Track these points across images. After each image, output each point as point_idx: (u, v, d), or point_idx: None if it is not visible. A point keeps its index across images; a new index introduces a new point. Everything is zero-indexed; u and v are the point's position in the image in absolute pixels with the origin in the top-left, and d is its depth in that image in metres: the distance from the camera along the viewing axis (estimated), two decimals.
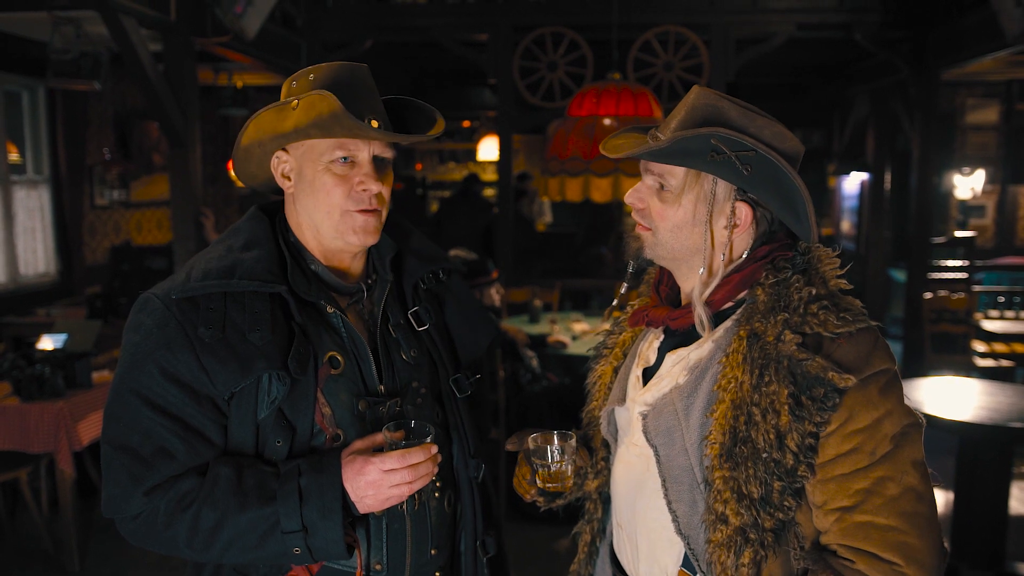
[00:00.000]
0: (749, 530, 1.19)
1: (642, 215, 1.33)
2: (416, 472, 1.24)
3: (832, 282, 1.26)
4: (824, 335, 1.18)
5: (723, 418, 1.22)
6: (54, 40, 4.53)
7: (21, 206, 6.05)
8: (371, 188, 1.34)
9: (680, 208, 1.29)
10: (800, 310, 1.21)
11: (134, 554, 3.98)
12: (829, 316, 1.19)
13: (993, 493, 3.61)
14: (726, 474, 1.20)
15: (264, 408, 1.28)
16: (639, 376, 1.41)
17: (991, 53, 5.65)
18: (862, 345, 1.19)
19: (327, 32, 6.73)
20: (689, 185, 1.28)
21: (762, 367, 1.20)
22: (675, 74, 6.45)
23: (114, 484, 1.26)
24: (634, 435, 1.38)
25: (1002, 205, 8.84)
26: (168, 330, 1.27)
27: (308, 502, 1.22)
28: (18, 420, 3.69)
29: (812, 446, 1.16)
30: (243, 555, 1.26)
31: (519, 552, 1.43)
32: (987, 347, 6.36)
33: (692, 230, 1.30)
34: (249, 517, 1.22)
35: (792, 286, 1.24)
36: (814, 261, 1.28)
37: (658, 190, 1.31)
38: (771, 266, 1.28)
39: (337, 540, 1.23)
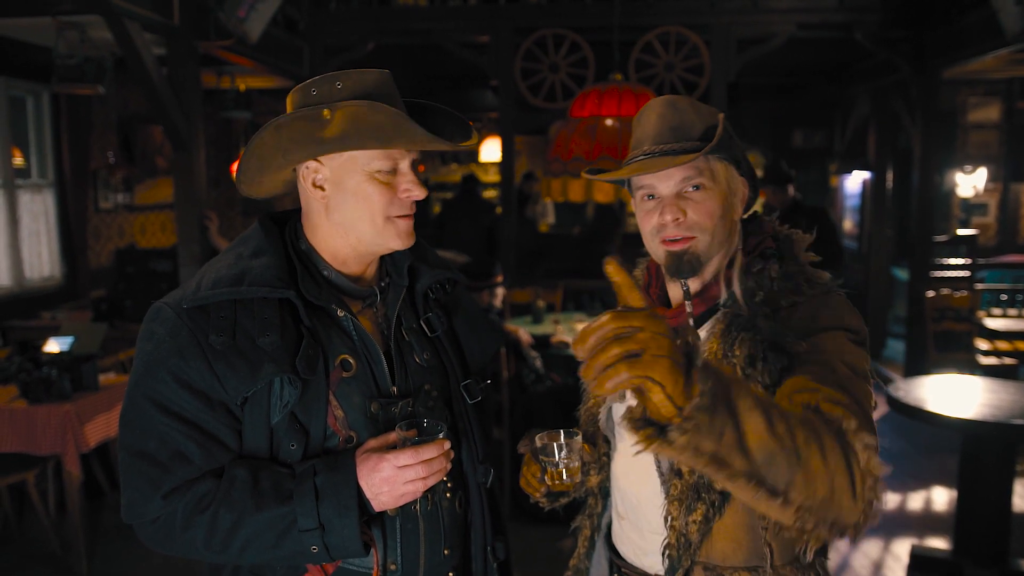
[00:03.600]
0: (701, 488, 1.28)
1: (681, 226, 1.35)
2: (430, 468, 1.26)
3: (802, 256, 1.39)
4: (797, 301, 1.31)
5: None
6: (58, 45, 4.56)
7: (26, 210, 6.08)
8: (417, 195, 1.37)
9: (719, 197, 1.37)
10: (774, 288, 1.33)
11: (141, 556, 4.00)
12: (799, 287, 1.32)
13: (996, 491, 3.61)
14: None
15: (277, 412, 1.29)
16: None
17: (991, 52, 5.66)
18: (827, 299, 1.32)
19: (329, 35, 6.75)
20: (723, 175, 1.37)
21: (733, 338, 1.30)
22: (676, 74, 6.46)
23: (133, 489, 1.28)
24: None
25: (1004, 203, 8.84)
26: (180, 338, 1.28)
27: (324, 500, 1.24)
28: (25, 422, 3.71)
29: None
30: (261, 555, 1.27)
31: (522, 553, 1.44)
32: (990, 345, 6.37)
33: (724, 220, 1.37)
34: (266, 517, 1.24)
35: (767, 268, 1.35)
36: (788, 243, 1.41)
37: (688, 192, 1.35)
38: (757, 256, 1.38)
39: (354, 538, 1.25)
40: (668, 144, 1.35)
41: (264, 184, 1.44)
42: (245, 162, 1.39)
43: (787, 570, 1.31)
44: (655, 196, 1.38)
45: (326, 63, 6.75)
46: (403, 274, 1.48)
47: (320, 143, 1.31)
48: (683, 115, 1.36)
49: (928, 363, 6.33)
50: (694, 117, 1.36)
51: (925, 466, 5.31)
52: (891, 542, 4.22)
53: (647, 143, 1.37)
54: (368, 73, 1.35)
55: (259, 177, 1.42)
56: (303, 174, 1.38)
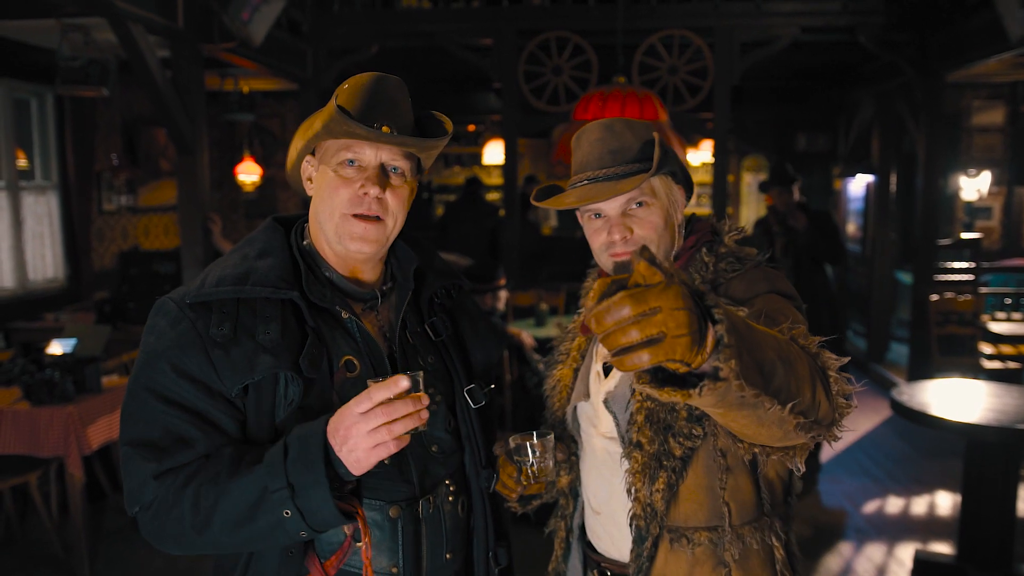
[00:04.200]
0: (663, 458, 1.37)
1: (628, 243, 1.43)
2: (391, 411, 1.15)
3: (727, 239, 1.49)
4: (729, 278, 1.41)
5: None
6: (63, 47, 4.57)
7: (30, 212, 6.09)
8: (370, 191, 1.35)
9: (661, 211, 1.46)
10: (710, 269, 1.44)
11: (144, 559, 4.00)
12: (732, 265, 1.44)
13: (1001, 495, 3.60)
14: (641, 405, 1.39)
15: (282, 411, 1.29)
16: (599, 371, 1.54)
17: (995, 55, 5.65)
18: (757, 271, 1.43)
19: (333, 38, 6.76)
20: (662, 189, 1.46)
21: None
22: (680, 77, 6.46)
23: (132, 477, 1.27)
24: (601, 424, 1.50)
25: (1008, 207, 8.82)
26: (180, 329, 1.29)
27: (291, 456, 1.19)
28: (28, 425, 3.71)
29: None
30: (239, 532, 1.22)
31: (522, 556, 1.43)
32: (994, 349, 6.35)
33: (667, 230, 1.47)
34: (239, 484, 1.20)
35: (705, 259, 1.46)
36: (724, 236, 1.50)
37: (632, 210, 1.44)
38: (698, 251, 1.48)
39: (326, 499, 1.18)
40: (609, 168, 1.44)
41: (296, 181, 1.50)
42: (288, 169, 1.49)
43: (745, 529, 1.40)
44: (601, 215, 1.46)
45: (330, 66, 6.76)
46: (409, 278, 1.48)
47: (308, 138, 1.38)
48: (621, 138, 1.45)
49: (932, 367, 6.32)
50: (631, 138, 1.45)
51: (929, 470, 5.29)
52: (895, 547, 4.20)
53: (590, 168, 1.46)
54: (369, 75, 1.38)
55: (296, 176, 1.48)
56: (303, 168, 1.45)
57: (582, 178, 1.47)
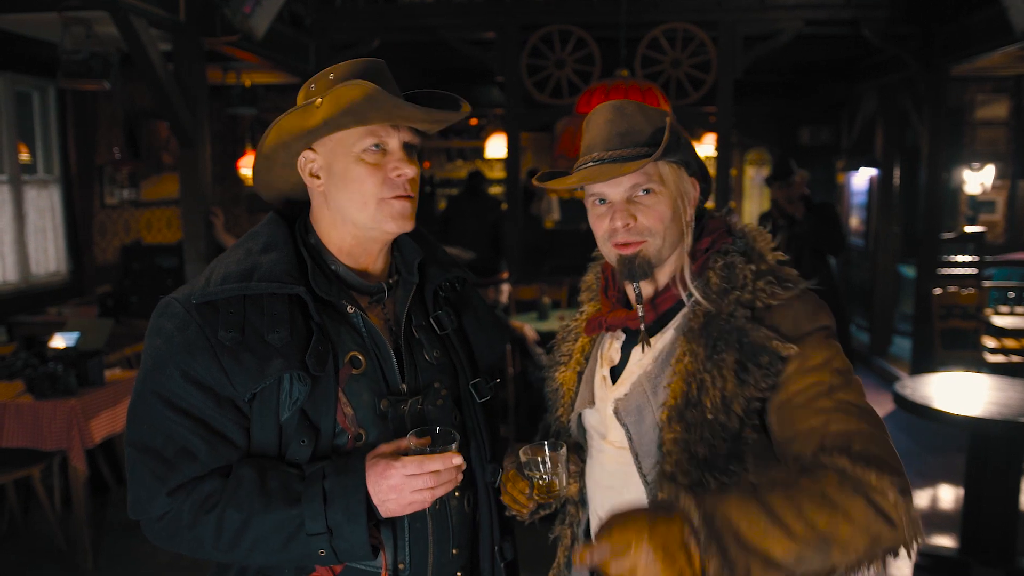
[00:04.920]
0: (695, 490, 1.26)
1: (632, 231, 1.36)
2: (438, 479, 1.24)
3: (770, 256, 1.38)
4: (773, 304, 1.31)
5: (676, 386, 1.31)
6: (64, 41, 4.56)
7: (32, 206, 6.09)
8: (406, 172, 1.34)
9: (669, 201, 1.37)
10: (749, 287, 1.32)
11: (147, 552, 4.01)
12: (774, 288, 1.32)
13: (1004, 489, 3.60)
14: (677, 435, 1.29)
15: (287, 410, 1.28)
16: (606, 376, 1.46)
17: (1000, 48, 5.62)
18: (806, 304, 1.32)
19: (335, 32, 6.75)
20: (672, 178, 1.38)
21: (716, 340, 1.30)
22: (683, 71, 6.44)
23: (138, 485, 1.27)
24: (610, 433, 1.42)
25: (1012, 200, 8.79)
26: (188, 334, 1.27)
27: (333, 504, 1.22)
28: (31, 418, 3.72)
29: (757, 410, 1.26)
30: (268, 557, 1.26)
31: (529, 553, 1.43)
32: (997, 343, 6.34)
33: (674, 223, 1.38)
34: (274, 519, 1.23)
35: (737, 266, 1.35)
36: (751, 241, 1.40)
37: (638, 197, 1.36)
38: (716, 253, 1.39)
39: (363, 542, 1.23)
40: (617, 150, 1.35)
41: (275, 184, 1.46)
42: (256, 163, 1.41)
43: None
44: (606, 201, 1.38)
45: (332, 59, 6.75)
46: (413, 271, 1.46)
47: (312, 129, 1.33)
48: (631, 120, 1.37)
49: (935, 361, 6.31)
50: (642, 121, 1.37)
51: (932, 464, 5.29)
52: None
53: (596, 149, 1.37)
54: (359, 60, 1.36)
55: (268, 177, 1.44)
56: (301, 165, 1.39)
57: (587, 160, 1.38)
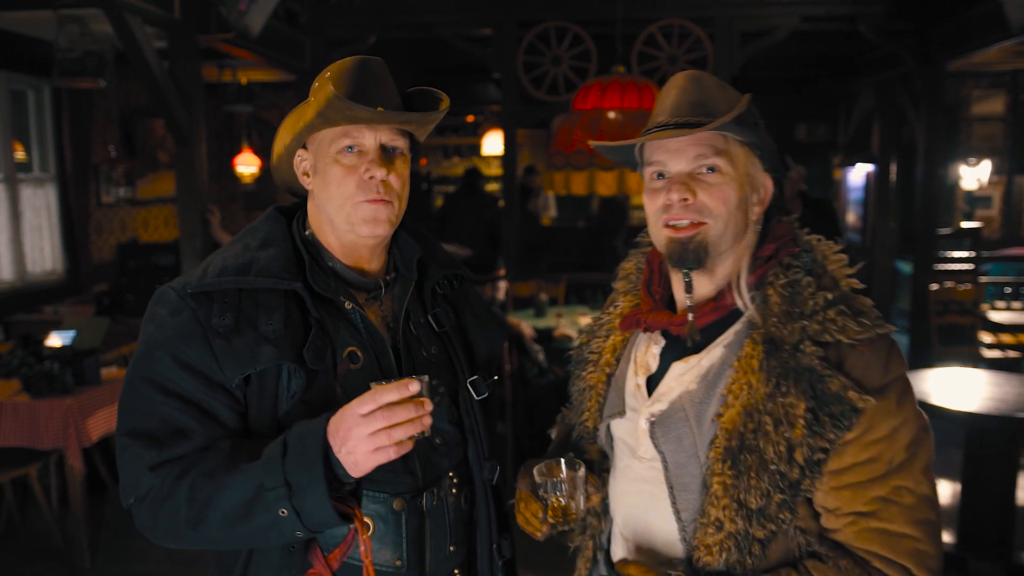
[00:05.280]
0: (740, 538, 1.18)
1: (689, 208, 1.21)
2: (392, 415, 1.13)
3: (844, 283, 1.23)
4: (844, 342, 1.16)
5: (731, 423, 1.19)
6: (59, 39, 4.55)
7: (28, 204, 6.08)
8: (376, 174, 1.32)
9: (736, 185, 1.23)
10: (818, 317, 1.18)
11: (144, 550, 4.00)
12: (848, 322, 1.17)
13: (1000, 484, 3.61)
14: (727, 480, 1.18)
15: (285, 403, 1.27)
16: (640, 385, 1.35)
17: (996, 43, 5.63)
18: (880, 352, 1.17)
19: (331, 29, 6.73)
20: (743, 162, 1.24)
21: (779, 376, 1.17)
22: (679, 67, 6.43)
23: (127, 468, 1.26)
24: (640, 447, 1.32)
25: (1008, 196, 8.81)
26: (181, 319, 1.27)
27: (289, 455, 1.17)
28: (28, 417, 3.71)
29: (820, 460, 1.15)
30: (234, 529, 1.20)
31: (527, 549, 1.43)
32: (994, 338, 6.35)
33: (739, 212, 1.23)
34: (235, 480, 1.18)
35: (805, 290, 1.20)
36: (820, 259, 1.25)
37: (702, 174, 1.23)
38: (779, 265, 1.24)
39: (323, 500, 1.15)
40: (685, 118, 1.22)
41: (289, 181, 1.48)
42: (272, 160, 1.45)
43: None
44: (665, 175, 1.25)
45: (328, 56, 6.73)
46: (412, 268, 1.46)
47: (299, 130, 1.35)
48: (707, 92, 1.25)
49: (932, 356, 6.31)
50: (718, 95, 1.25)
51: None
52: None
53: (664, 116, 1.24)
54: (349, 59, 1.36)
55: (282, 174, 1.47)
56: (296, 163, 1.42)
57: (651, 126, 1.25)
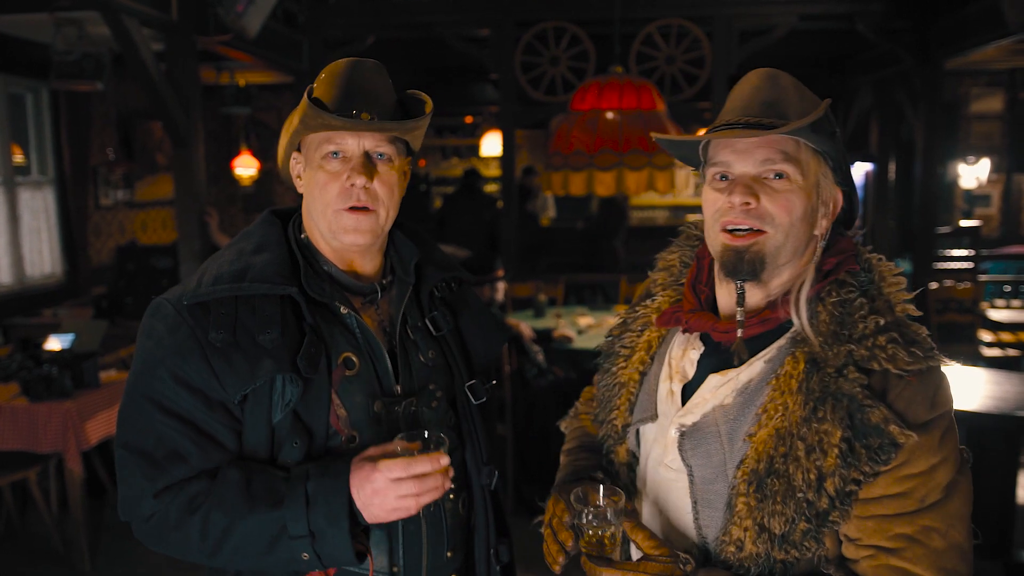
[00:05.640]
0: (761, 560, 1.14)
1: (751, 214, 1.15)
2: (423, 484, 1.19)
3: (899, 308, 1.16)
4: (892, 372, 1.10)
5: (762, 444, 1.14)
6: (56, 41, 4.54)
7: (26, 207, 6.08)
8: (356, 182, 1.31)
9: (804, 195, 1.16)
10: (867, 342, 1.11)
11: (144, 553, 4.00)
12: (898, 351, 1.10)
13: (1000, 482, 3.60)
14: (752, 503, 1.13)
15: (278, 411, 1.27)
16: (675, 391, 1.29)
17: (994, 42, 5.63)
18: (929, 386, 1.11)
19: (329, 29, 6.73)
20: (813, 171, 1.17)
21: (817, 400, 1.11)
22: (677, 67, 6.43)
23: (127, 486, 1.27)
24: (668, 456, 1.28)
25: (1007, 194, 8.81)
26: (179, 335, 1.26)
27: (315, 507, 1.20)
28: (27, 420, 3.71)
29: (852, 492, 1.09)
30: (253, 560, 1.25)
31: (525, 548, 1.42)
32: (993, 336, 6.34)
33: (803, 224, 1.16)
34: (257, 521, 1.21)
35: (857, 312, 1.14)
36: (877, 280, 1.18)
37: (768, 180, 1.16)
38: (834, 283, 1.17)
39: (345, 546, 1.20)
40: (757, 118, 1.15)
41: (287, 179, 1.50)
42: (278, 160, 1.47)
43: None
44: (728, 177, 1.18)
45: (326, 58, 6.73)
46: (409, 272, 1.45)
47: (289, 135, 1.36)
48: (782, 92, 1.18)
49: None
50: (794, 96, 1.18)
51: None
52: None
53: (734, 114, 1.18)
54: (342, 61, 1.35)
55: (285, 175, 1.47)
56: (291, 166, 1.42)
57: (720, 124, 1.19)
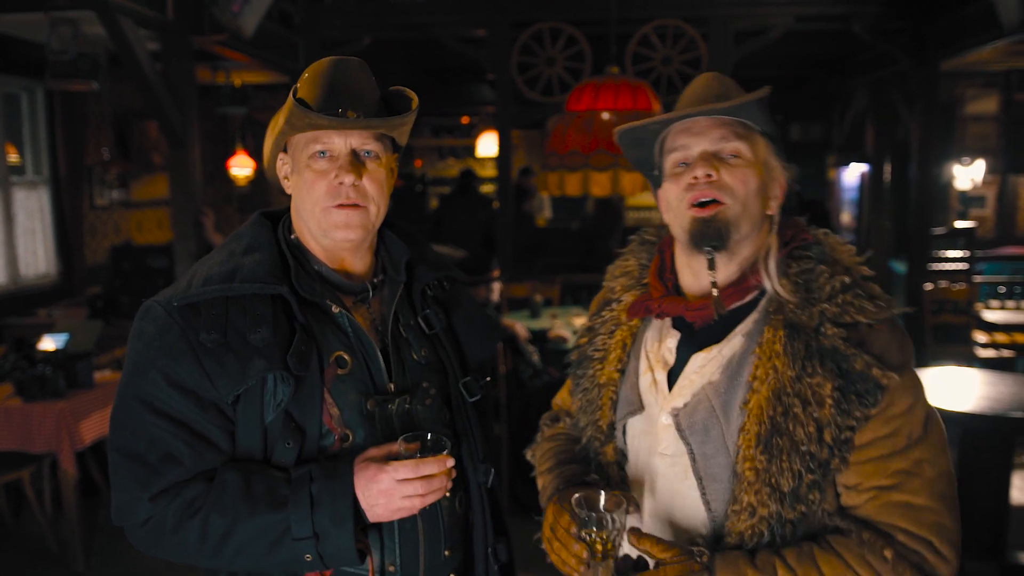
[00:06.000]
0: (773, 521, 1.21)
1: (713, 185, 1.24)
2: (429, 485, 1.22)
3: (855, 269, 1.27)
4: (863, 323, 1.21)
5: (758, 409, 1.22)
6: (52, 41, 4.53)
7: (21, 207, 6.06)
8: (344, 180, 1.31)
9: (756, 172, 1.26)
10: (837, 300, 1.23)
11: (139, 554, 3.97)
12: (864, 303, 1.22)
13: (994, 483, 3.61)
14: (759, 466, 1.20)
15: (271, 411, 1.27)
16: (659, 380, 1.35)
17: (989, 43, 5.64)
18: (896, 332, 1.23)
19: (325, 30, 6.72)
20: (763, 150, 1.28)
21: (804, 358, 1.20)
22: (674, 68, 6.44)
23: (121, 491, 1.27)
24: (661, 443, 1.33)
25: (1002, 195, 8.82)
26: (170, 337, 1.26)
27: (320, 509, 1.21)
28: (20, 420, 3.70)
29: (848, 440, 1.19)
30: (253, 562, 1.25)
31: (522, 548, 1.41)
32: (988, 337, 6.35)
33: (757, 199, 1.27)
34: (259, 523, 1.22)
35: (820, 276, 1.25)
36: (829, 250, 1.29)
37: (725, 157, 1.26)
38: (790, 257, 1.29)
39: (349, 547, 1.22)
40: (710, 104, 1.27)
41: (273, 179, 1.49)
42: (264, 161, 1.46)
43: None
44: (688, 163, 1.28)
45: (321, 57, 6.72)
46: (400, 270, 1.45)
47: (275, 136, 1.37)
48: (728, 86, 1.31)
49: (926, 356, 6.32)
50: (738, 92, 1.30)
51: None
52: None
53: (687, 107, 1.29)
54: (327, 60, 1.36)
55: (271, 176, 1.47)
56: (278, 167, 1.43)
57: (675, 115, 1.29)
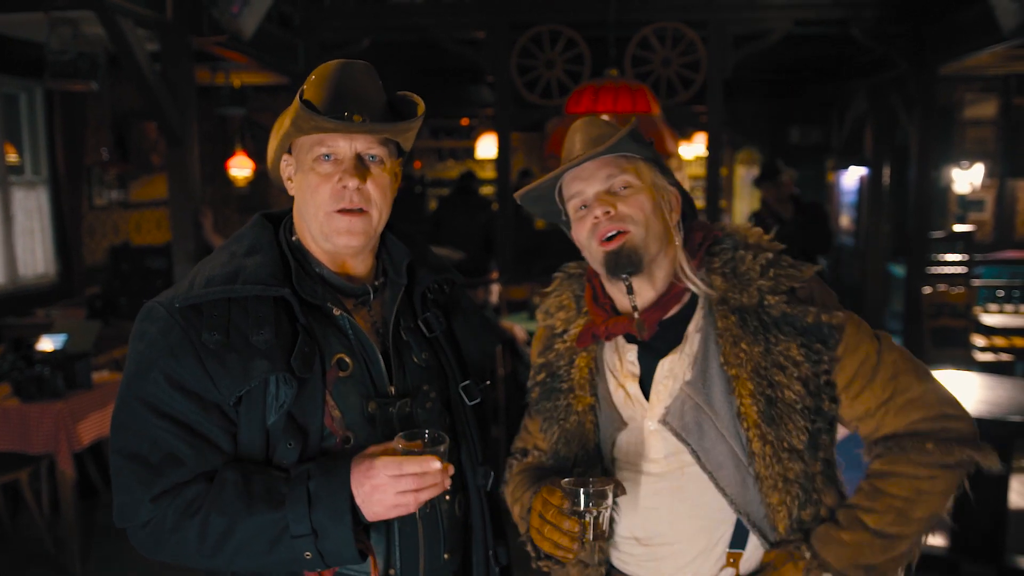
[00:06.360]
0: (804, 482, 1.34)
1: (613, 219, 1.36)
2: (422, 481, 1.20)
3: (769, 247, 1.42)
4: (796, 287, 1.36)
5: (745, 390, 1.32)
6: (51, 41, 4.53)
7: (20, 207, 6.06)
8: (349, 184, 1.31)
9: (648, 193, 1.39)
10: (769, 273, 1.37)
11: (136, 556, 3.95)
12: (790, 271, 1.38)
13: (993, 487, 3.60)
14: (769, 436, 1.32)
15: (273, 413, 1.27)
16: (630, 392, 1.43)
17: (988, 47, 5.65)
18: (822, 284, 1.40)
19: (325, 31, 6.73)
20: (648, 174, 1.41)
21: (764, 332, 1.34)
22: (673, 70, 6.44)
23: (123, 492, 1.26)
24: (651, 451, 1.40)
25: (1001, 199, 8.83)
26: (172, 337, 1.26)
27: (317, 505, 1.20)
28: (18, 421, 3.69)
29: (829, 381, 1.35)
30: (253, 561, 1.24)
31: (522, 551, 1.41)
32: (987, 341, 6.36)
33: (656, 217, 1.38)
34: (258, 522, 1.21)
35: (745, 260, 1.39)
36: (741, 238, 1.43)
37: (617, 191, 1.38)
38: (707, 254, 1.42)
39: (348, 543, 1.21)
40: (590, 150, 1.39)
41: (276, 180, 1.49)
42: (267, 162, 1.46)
43: None
44: (587, 206, 1.40)
45: (321, 59, 6.65)
46: (401, 273, 1.45)
47: (280, 137, 1.36)
48: (602, 128, 1.42)
49: (925, 359, 6.27)
50: (611, 129, 1.41)
51: None
52: None
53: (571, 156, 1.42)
54: (334, 63, 1.35)
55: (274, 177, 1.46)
56: (282, 168, 1.42)
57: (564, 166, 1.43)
